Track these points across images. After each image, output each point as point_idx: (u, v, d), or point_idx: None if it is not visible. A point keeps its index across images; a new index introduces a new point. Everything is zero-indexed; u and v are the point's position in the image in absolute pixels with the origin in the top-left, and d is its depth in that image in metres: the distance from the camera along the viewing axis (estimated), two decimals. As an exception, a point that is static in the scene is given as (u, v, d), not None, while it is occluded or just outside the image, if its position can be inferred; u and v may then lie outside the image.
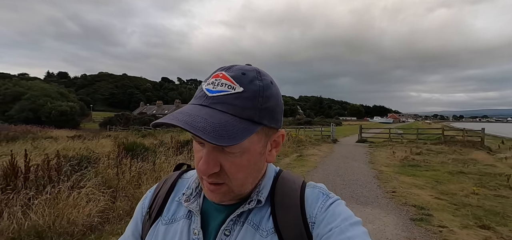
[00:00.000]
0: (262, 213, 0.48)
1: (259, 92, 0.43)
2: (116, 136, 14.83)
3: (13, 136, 16.15)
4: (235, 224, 0.48)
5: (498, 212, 3.64)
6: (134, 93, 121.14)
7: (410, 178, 5.91)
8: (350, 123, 68.43)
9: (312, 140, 14.13)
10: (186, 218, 0.51)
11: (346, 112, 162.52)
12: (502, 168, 7.08)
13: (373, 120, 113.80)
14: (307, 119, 49.83)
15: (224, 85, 0.42)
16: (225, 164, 0.43)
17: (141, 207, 0.57)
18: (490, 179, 5.72)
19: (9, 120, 26.75)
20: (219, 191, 0.45)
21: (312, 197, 0.48)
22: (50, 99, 28.53)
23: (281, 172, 0.54)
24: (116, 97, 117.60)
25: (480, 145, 11.88)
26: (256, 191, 0.49)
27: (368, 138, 15.51)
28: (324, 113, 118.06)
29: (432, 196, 4.46)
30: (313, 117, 70.67)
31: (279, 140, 0.50)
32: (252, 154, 0.44)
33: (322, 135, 15.91)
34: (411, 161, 8.21)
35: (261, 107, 0.43)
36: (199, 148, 0.44)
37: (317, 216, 0.46)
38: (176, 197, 0.54)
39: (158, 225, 0.52)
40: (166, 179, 0.58)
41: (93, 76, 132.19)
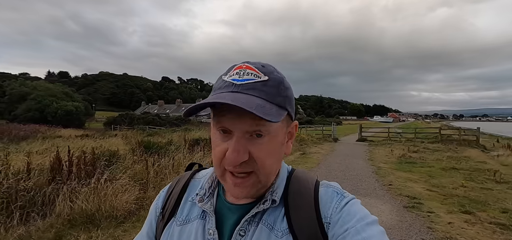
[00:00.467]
0: (276, 213, 0.48)
1: (280, 81, 0.45)
2: (124, 135, 15.34)
3: (24, 135, 16.66)
4: (249, 224, 0.48)
5: (481, 201, 4.15)
6: (135, 92, 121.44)
7: (406, 173, 6.42)
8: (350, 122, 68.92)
9: (314, 139, 14.64)
10: (200, 218, 0.51)
11: (346, 111, 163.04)
12: (492, 164, 7.59)
13: (373, 119, 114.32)
14: (307, 119, 50.35)
15: (250, 74, 0.43)
16: (254, 151, 0.43)
17: (155, 207, 0.57)
18: (479, 174, 6.23)
19: (15, 119, 27.26)
20: (247, 184, 0.44)
21: (326, 197, 0.48)
22: (55, 99, 29.04)
23: (294, 171, 0.54)
24: (117, 97, 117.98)
25: (475, 144, 12.38)
26: (270, 191, 0.49)
27: (368, 137, 16.03)
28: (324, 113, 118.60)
29: (424, 188, 4.97)
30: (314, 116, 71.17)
31: (293, 131, 0.51)
32: (277, 141, 0.46)
33: (323, 134, 16.43)
34: (408, 158, 8.71)
35: (284, 95, 0.45)
36: (219, 142, 0.44)
37: (332, 216, 0.46)
38: (189, 198, 0.54)
39: (173, 226, 0.52)
40: (178, 179, 0.59)
41: (94, 76, 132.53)
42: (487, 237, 2.93)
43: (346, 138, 17.23)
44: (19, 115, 27.71)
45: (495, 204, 3.96)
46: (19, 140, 14.15)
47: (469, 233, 3.02)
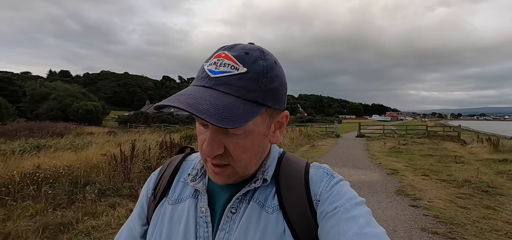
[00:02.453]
0: (267, 191, 0.49)
1: (263, 72, 0.42)
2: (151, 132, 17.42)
3: (60, 131, 18.75)
4: (241, 202, 0.49)
5: (437, 171, 6.33)
6: (136, 91, 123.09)
7: (392, 158, 8.61)
8: (349, 121, 71.29)
9: (319, 135, 16.83)
10: (192, 197, 0.52)
11: (345, 110, 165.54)
12: (461, 153, 9.78)
13: (371, 118, 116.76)
14: (309, 118, 52.57)
15: (227, 65, 0.41)
16: (229, 145, 0.43)
17: (146, 189, 0.58)
18: (447, 158, 8.41)
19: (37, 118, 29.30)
20: (224, 173, 0.45)
21: (316, 177, 0.49)
22: (75, 99, 31.11)
23: (285, 153, 0.55)
24: (119, 96, 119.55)
25: (456, 139, 14.59)
26: (261, 170, 0.50)
27: (366, 134, 18.24)
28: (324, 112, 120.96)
29: (403, 165, 7.17)
30: (315, 115, 73.36)
31: (283, 121, 0.50)
32: (256, 135, 0.45)
33: (326, 131, 18.63)
34: (397, 149, 10.91)
35: (265, 88, 0.42)
36: (203, 130, 0.45)
37: (321, 194, 0.47)
38: (181, 178, 0.55)
39: (165, 205, 0.53)
40: (170, 162, 0.59)
41: (95, 75, 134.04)
42: (431, 185, 5.10)
43: (347, 135, 19.44)
44: (41, 114, 29.75)
45: (445, 173, 6.14)
46: (57, 135, 16.22)
47: (422, 183, 5.19)
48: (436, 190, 4.74)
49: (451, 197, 4.29)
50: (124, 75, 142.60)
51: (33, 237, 2.80)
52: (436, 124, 30.85)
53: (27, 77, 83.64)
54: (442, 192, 4.58)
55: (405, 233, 3.03)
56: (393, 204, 4.01)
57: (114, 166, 4.66)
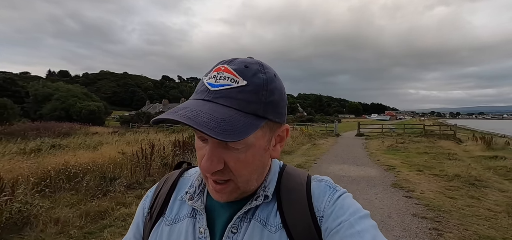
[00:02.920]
0: (269, 208, 0.48)
1: (262, 85, 0.42)
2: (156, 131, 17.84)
3: (66, 131, 19.14)
4: (242, 221, 0.47)
5: (431, 167, 6.81)
6: (136, 91, 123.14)
7: (390, 156, 9.08)
8: (349, 120, 71.83)
9: (319, 134, 17.31)
10: (190, 216, 0.50)
11: (345, 109, 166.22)
12: (455, 150, 10.26)
13: (370, 117, 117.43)
14: (308, 117, 53.08)
15: (226, 78, 0.41)
16: (229, 160, 0.42)
17: (142, 208, 0.56)
18: (442, 155, 8.89)
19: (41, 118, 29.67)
20: (226, 191, 0.44)
21: (318, 191, 0.48)
22: (78, 100, 31.50)
23: (286, 166, 0.54)
24: (118, 96, 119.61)
25: (452, 137, 15.09)
26: (262, 186, 0.48)
27: (365, 133, 18.73)
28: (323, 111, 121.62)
29: (399, 162, 7.64)
30: (314, 115, 73.89)
31: (284, 135, 0.49)
32: (257, 149, 0.44)
33: (326, 130, 19.11)
34: (395, 147, 11.38)
35: (266, 101, 0.42)
36: (202, 145, 0.44)
37: (325, 209, 0.46)
38: (178, 196, 0.53)
39: (161, 226, 0.51)
40: (166, 178, 0.58)
41: (95, 75, 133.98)
42: (424, 179, 5.58)
43: (346, 134, 19.92)
44: (45, 115, 30.13)
45: (438, 168, 6.61)
46: (63, 135, 16.60)
47: (416, 178, 5.67)
48: (428, 183, 5.22)
49: (441, 189, 4.77)
50: (124, 75, 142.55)
51: (78, 222, 3.26)
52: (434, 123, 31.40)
53: (26, 77, 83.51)
54: (434, 185, 5.06)
55: (398, 217, 3.50)
56: (389, 195, 4.48)
57: (136, 163, 5.11)
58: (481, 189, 4.76)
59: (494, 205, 3.93)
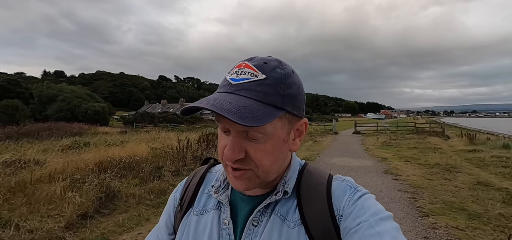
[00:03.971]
0: (289, 204, 0.49)
1: (281, 79, 0.44)
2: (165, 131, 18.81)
3: (76, 132, 20.00)
4: (262, 215, 0.49)
5: (417, 158, 8.00)
6: (133, 91, 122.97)
7: (383, 150, 10.28)
8: (345, 119, 73.43)
9: (318, 132, 18.49)
10: (216, 209, 0.53)
11: (341, 108, 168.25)
12: (441, 145, 11.51)
13: (366, 116, 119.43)
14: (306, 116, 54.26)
15: (247, 73, 0.44)
16: (250, 150, 0.44)
17: (173, 199, 0.61)
18: (429, 150, 10.10)
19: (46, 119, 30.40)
20: (244, 177, 0.46)
21: (339, 190, 0.49)
22: (82, 101, 32.26)
23: (307, 165, 0.55)
24: (115, 96, 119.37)
25: (441, 134, 16.38)
26: (282, 182, 0.50)
27: (361, 131, 19.97)
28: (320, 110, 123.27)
29: (391, 155, 8.83)
30: (312, 114, 75.25)
31: (303, 129, 0.51)
32: (276, 140, 0.46)
33: (325, 129, 20.31)
34: (388, 143, 12.59)
35: (284, 94, 0.44)
36: (224, 136, 0.47)
37: (344, 209, 0.46)
38: (205, 190, 0.57)
39: (190, 216, 0.55)
40: (195, 173, 0.62)
41: (91, 75, 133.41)
42: (410, 167, 6.75)
43: (344, 132, 21.16)
44: (50, 115, 30.82)
45: (423, 159, 7.80)
46: (75, 135, 17.48)
47: (404, 166, 6.84)
48: (413, 170, 6.39)
49: (422, 174, 5.94)
50: (120, 75, 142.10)
51: (148, 196, 4.34)
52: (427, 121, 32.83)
53: (21, 78, 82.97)
54: (417, 171, 6.23)
55: (387, 192, 4.65)
56: (381, 179, 5.63)
57: (175, 155, 6.19)
58: (454, 173, 5.95)
59: (461, 184, 5.11)
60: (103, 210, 3.73)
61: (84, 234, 3.09)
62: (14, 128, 19.08)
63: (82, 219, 3.41)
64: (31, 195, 3.81)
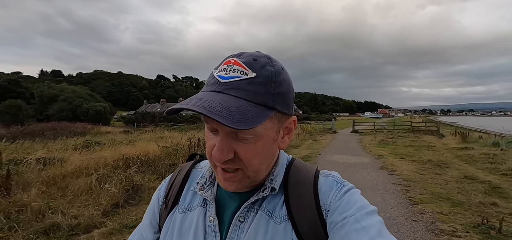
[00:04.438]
0: (276, 200, 0.49)
1: (271, 77, 0.43)
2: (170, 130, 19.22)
3: (80, 131, 20.35)
4: (249, 211, 0.49)
5: (412, 155, 8.53)
6: (131, 91, 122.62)
7: (380, 148, 10.81)
8: (343, 118, 74.19)
9: (318, 131, 19.01)
10: (201, 206, 0.53)
11: (339, 108, 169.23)
12: (436, 144, 12.06)
13: (364, 115, 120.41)
14: (305, 115, 54.90)
15: (236, 71, 0.42)
16: (240, 150, 0.43)
17: (157, 197, 0.59)
18: (423, 147, 10.65)
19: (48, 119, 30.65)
20: (235, 179, 0.46)
21: (326, 185, 0.49)
22: (84, 100, 32.54)
23: (294, 160, 0.55)
24: (113, 96, 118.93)
25: (436, 133, 16.96)
26: (269, 179, 0.50)
27: (359, 130, 20.53)
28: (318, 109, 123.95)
29: (388, 153, 9.36)
30: (310, 113, 75.82)
31: (291, 127, 0.51)
32: (266, 140, 0.45)
33: (324, 128, 20.84)
34: (385, 142, 13.13)
35: (274, 92, 0.43)
36: (211, 136, 0.45)
37: (331, 203, 0.47)
38: (191, 187, 0.56)
39: (175, 214, 0.54)
40: (180, 169, 0.61)
41: (89, 74, 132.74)
42: (404, 163, 7.28)
43: (342, 131, 21.71)
44: (52, 115, 31.07)
45: (417, 156, 8.34)
46: (79, 135, 17.85)
47: (399, 163, 7.37)
48: (407, 166, 6.92)
49: (415, 170, 6.46)
50: (118, 74, 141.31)
51: (168, 190, 4.81)
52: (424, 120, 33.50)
53: (19, 77, 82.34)
54: (411, 167, 6.75)
55: (383, 184, 5.16)
56: (377, 174, 6.14)
57: (187, 153, 6.65)
58: (444, 168, 6.47)
59: (449, 178, 5.63)
60: (131, 201, 4.20)
61: (120, 220, 3.56)
62: (19, 128, 19.45)
63: (115, 207, 3.88)
64: (65, 187, 4.28)
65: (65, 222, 3.24)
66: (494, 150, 9.07)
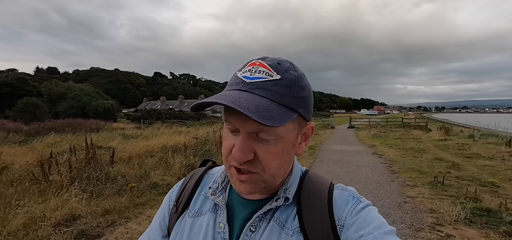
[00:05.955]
0: (289, 211, 0.48)
1: (294, 81, 0.44)
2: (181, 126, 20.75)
3: (96, 127, 21.72)
4: (261, 221, 0.48)
5: (398, 145, 10.27)
6: (128, 88, 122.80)
7: (373, 140, 12.56)
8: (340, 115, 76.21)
9: (317, 126, 20.74)
10: (212, 211, 0.52)
11: (336, 105, 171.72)
12: (421, 137, 13.84)
13: (360, 112, 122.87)
14: (303, 112, 56.61)
15: (262, 72, 0.43)
16: (259, 152, 0.43)
17: (168, 200, 0.59)
18: (409, 139, 12.40)
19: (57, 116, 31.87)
20: (250, 181, 0.44)
21: (341, 200, 0.48)
22: (91, 98, 33.81)
23: (308, 172, 0.55)
24: (111, 93, 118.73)
25: (424, 128, 18.80)
26: (283, 188, 0.49)
27: (355, 125, 22.34)
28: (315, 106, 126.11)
29: (379, 143, 11.11)
30: (308, 110, 77.40)
31: (309, 133, 0.51)
32: (286, 143, 0.45)
33: (323, 124, 22.59)
34: (378, 135, 14.89)
35: (297, 96, 0.44)
36: (230, 136, 0.45)
37: (346, 219, 0.45)
38: (202, 192, 0.56)
39: (185, 218, 0.54)
40: (192, 174, 0.60)
41: (85, 72, 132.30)
42: (391, 150, 9.00)
43: (340, 126, 23.51)
44: (61, 113, 32.27)
45: (404, 145, 10.07)
46: (94, 131, 19.25)
47: (387, 150, 9.09)
48: (393, 152, 8.63)
49: (399, 154, 8.17)
50: (115, 71, 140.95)
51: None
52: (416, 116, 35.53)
53: (14, 74, 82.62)
54: (396, 153, 8.47)
55: (373, 164, 6.84)
56: (369, 157, 7.84)
57: (216, 144, 8.27)
58: (422, 154, 8.20)
59: (424, 159, 7.35)
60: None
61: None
62: (40, 124, 20.81)
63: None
64: (142, 163, 5.87)
65: (162, 182, 4.84)
66: (468, 141, 10.87)
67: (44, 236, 2.74)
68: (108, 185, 4.24)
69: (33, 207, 3.23)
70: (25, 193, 3.69)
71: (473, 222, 3.05)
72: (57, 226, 2.97)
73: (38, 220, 2.97)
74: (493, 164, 6.49)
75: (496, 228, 2.87)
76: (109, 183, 4.41)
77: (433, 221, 3.13)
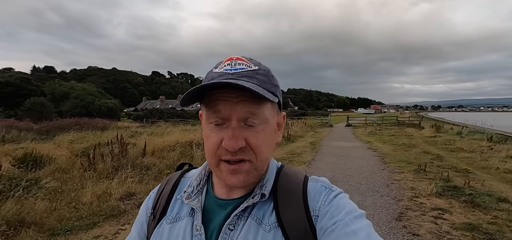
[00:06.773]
0: (266, 207, 0.50)
1: (268, 71, 0.49)
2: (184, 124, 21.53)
3: (102, 126, 22.43)
4: (239, 219, 0.49)
5: (391, 141, 11.21)
6: (127, 87, 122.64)
7: (369, 137, 13.49)
8: (338, 114, 77.38)
9: (316, 125, 21.66)
10: (189, 215, 0.52)
11: (333, 104, 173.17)
12: (414, 134, 14.80)
13: (357, 111, 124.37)
14: (301, 112, 57.75)
15: (241, 64, 0.47)
16: (251, 138, 0.45)
17: (145, 208, 0.58)
18: (402, 136, 13.35)
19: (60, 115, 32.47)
20: (242, 169, 0.46)
21: (315, 191, 0.50)
22: (95, 98, 34.44)
23: (283, 167, 0.56)
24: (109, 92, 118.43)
25: (417, 126, 19.79)
26: (259, 185, 0.51)
27: (353, 124, 23.30)
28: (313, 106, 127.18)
29: (374, 140, 12.04)
30: (306, 109, 78.69)
31: (282, 122, 0.54)
32: (271, 127, 0.48)
33: (322, 122, 23.53)
34: (374, 133, 15.83)
35: (274, 84, 0.49)
36: (215, 132, 0.46)
37: (320, 209, 0.47)
38: (179, 196, 0.55)
39: (163, 225, 0.53)
40: (168, 179, 0.60)
41: (83, 71, 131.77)
42: (385, 146, 9.93)
43: (338, 125, 24.46)
44: (66, 112, 32.86)
45: (395, 142, 11.01)
46: (100, 129, 19.93)
47: (381, 145, 10.01)
48: (386, 147, 9.56)
49: (391, 149, 9.09)
50: (113, 70, 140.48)
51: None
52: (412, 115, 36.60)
53: (11, 74, 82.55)
54: (389, 148, 9.39)
55: (368, 156, 7.75)
56: (365, 151, 8.75)
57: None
58: (412, 148, 9.13)
59: (413, 153, 8.27)
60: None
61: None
62: (49, 123, 21.47)
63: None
64: (165, 156, 6.70)
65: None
66: (456, 137, 11.83)
67: (114, 205, 3.59)
68: (147, 172, 5.09)
69: (95, 187, 4.08)
70: (78, 179, 4.53)
71: (442, 195, 3.94)
72: (120, 200, 3.82)
73: (106, 195, 3.81)
74: (472, 156, 7.43)
75: (458, 198, 3.77)
76: (145, 170, 5.25)
77: (412, 194, 4.03)
